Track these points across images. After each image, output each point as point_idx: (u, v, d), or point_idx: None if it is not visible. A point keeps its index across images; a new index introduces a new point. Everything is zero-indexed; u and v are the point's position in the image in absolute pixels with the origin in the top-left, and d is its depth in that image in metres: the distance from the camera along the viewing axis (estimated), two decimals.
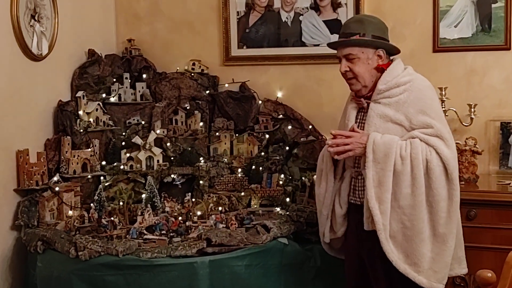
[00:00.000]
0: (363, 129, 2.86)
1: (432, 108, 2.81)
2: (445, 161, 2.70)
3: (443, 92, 3.67)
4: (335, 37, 4.04)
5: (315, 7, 4.12)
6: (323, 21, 4.11)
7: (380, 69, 2.88)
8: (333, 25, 4.08)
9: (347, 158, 2.87)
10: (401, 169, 2.71)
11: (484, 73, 3.87)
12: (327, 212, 3.02)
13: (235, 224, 3.39)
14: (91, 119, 3.94)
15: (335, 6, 4.06)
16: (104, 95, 4.13)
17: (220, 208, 3.68)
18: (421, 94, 2.82)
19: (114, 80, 4.22)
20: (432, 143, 2.71)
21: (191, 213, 3.58)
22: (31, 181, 3.48)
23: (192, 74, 4.30)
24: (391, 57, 2.93)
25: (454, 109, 3.74)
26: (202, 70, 4.34)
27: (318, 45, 4.13)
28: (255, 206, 3.84)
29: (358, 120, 2.95)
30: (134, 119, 4.16)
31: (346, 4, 4.03)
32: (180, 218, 3.51)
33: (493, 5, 3.79)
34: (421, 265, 2.70)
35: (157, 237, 3.26)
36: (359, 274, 2.97)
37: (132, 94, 4.23)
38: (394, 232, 2.73)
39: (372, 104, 2.87)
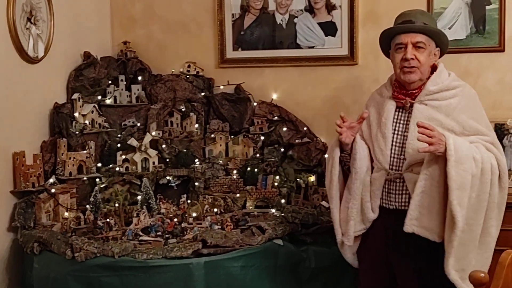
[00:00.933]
0: (405, 131, 2.78)
1: (483, 117, 2.81)
2: (502, 169, 2.69)
3: None
4: (329, 39, 4.08)
5: (310, 10, 4.13)
6: (318, 23, 4.12)
7: (433, 68, 2.84)
8: (327, 28, 4.09)
9: (384, 159, 2.78)
10: (475, 172, 2.61)
11: (479, 74, 3.89)
12: (334, 206, 2.91)
13: (231, 225, 3.40)
14: (86, 121, 3.95)
15: (330, 8, 4.08)
16: (99, 97, 4.14)
17: (215, 210, 3.69)
18: (472, 102, 2.80)
19: (110, 82, 4.23)
20: (492, 150, 2.70)
21: (186, 215, 3.59)
22: (27, 183, 3.49)
23: (187, 76, 4.31)
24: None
25: None
26: (198, 72, 4.35)
27: (313, 47, 4.14)
28: (250, 207, 3.85)
29: (395, 120, 2.84)
30: (129, 121, 4.17)
31: (340, 6, 4.04)
32: (175, 219, 3.52)
33: (487, 7, 3.80)
34: (467, 271, 2.54)
35: (152, 239, 3.27)
36: (385, 279, 2.87)
37: (127, 96, 4.24)
38: None
39: (418, 105, 2.78)
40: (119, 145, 4.05)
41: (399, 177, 2.78)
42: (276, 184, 3.93)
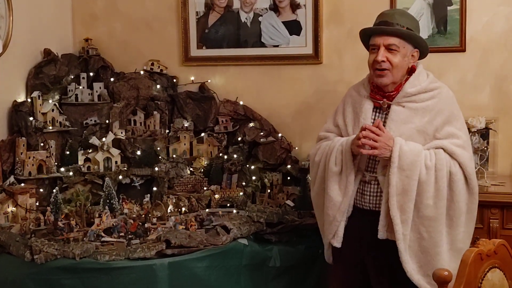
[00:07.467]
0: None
1: (459, 119, 2.80)
2: (468, 175, 2.69)
3: None
4: (294, 38, 4.07)
5: (274, 8, 4.12)
6: (282, 22, 4.11)
7: (410, 71, 2.82)
8: (292, 26, 4.09)
9: (362, 159, 2.77)
10: (425, 179, 2.64)
11: (440, 74, 3.90)
12: (341, 218, 2.82)
13: (195, 225, 3.38)
14: (47, 120, 3.87)
15: (294, 7, 4.08)
16: (60, 95, 4.07)
17: (179, 210, 3.66)
18: (449, 104, 2.80)
19: (71, 79, 4.15)
20: (457, 155, 2.68)
21: (150, 215, 3.55)
22: None
23: (151, 74, 4.26)
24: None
25: None
26: (161, 70, 4.31)
27: (277, 46, 4.13)
28: (215, 207, 3.83)
29: (372, 120, 2.81)
30: (91, 120, 4.11)
31: (305, 5, 4.05)
32: (138, 220, 3.48)
33: (448, 8, 3.84)
34: None
35: (115, 240, 3.23)
36: (359, 280, 2.87)
37: (89, 94, 4.17)
38: (410, 242, 2.67)
39: (395, 107, 2.77)
40: (80, 144, 3.99)
41: (375, 178, 2.78)
42: (241, 183, 3.91)
